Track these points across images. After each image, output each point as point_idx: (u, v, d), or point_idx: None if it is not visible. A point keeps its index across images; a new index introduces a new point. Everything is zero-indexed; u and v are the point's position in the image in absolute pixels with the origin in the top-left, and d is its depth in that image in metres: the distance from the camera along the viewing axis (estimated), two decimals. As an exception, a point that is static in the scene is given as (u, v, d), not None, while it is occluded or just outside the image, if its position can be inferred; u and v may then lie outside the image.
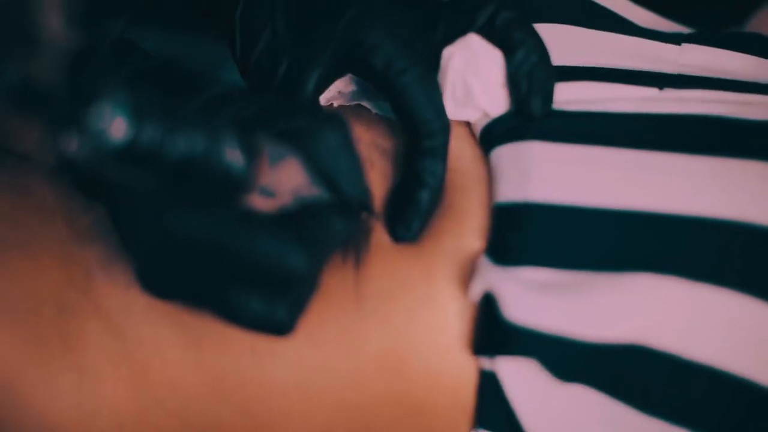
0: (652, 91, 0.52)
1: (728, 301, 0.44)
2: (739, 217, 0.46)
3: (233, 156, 0.35)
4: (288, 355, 0.46)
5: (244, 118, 0.42)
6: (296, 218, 0.40)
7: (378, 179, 0.50)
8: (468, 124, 0.53)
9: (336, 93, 0.54)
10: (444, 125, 0.48)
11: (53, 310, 0.46)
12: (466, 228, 0.48)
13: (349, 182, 0.43)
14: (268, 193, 0.38)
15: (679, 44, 0.57)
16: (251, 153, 0.36)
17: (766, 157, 0.48)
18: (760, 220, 0.46)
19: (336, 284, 0.47)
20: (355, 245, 0.48)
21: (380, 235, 0.49)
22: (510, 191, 0.48)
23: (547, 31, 0.53)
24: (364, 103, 0.55)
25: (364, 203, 0.44)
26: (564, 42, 0.55)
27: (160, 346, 0.46)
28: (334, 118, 0.43)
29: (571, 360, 0.44)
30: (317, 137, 0.42)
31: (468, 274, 0.46)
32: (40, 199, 0.49)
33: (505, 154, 0.50)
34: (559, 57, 0.52)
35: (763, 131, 0.50)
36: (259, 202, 0.38)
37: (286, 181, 0.39)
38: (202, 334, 0.46)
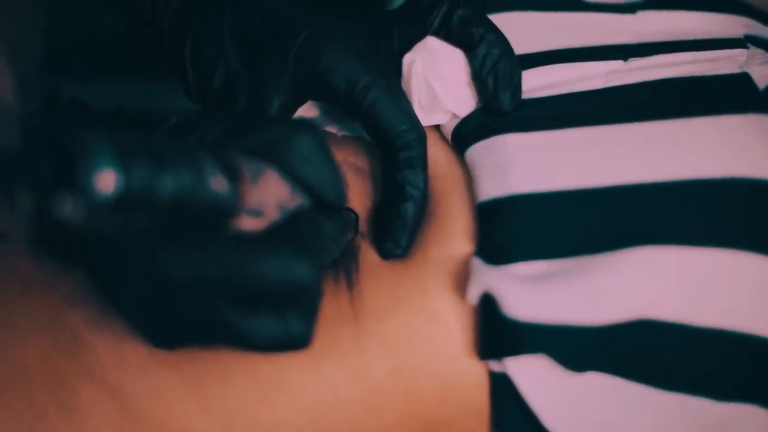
0: (617, 64, 0.52)
1: (728, 260, 0.44)
2: (727, 174, 0.45)
3: (218, 183, 0.34)
4: (296, 388, 0.45)
5: (211, 140, 0.41)
6: (288, 229, 0.39)
7: (356, 198, 0.49)
8: (438, 128, 0.52)
9: None
10: (419, 135, 0.48)
11: (44, 380, 0.45)
12: (452, 233, 0.47)
13: (326, 185, 0.42)
14: (256, 212, 0.37)
15: (635, 13, 0.56)
16: (233, 176, 0.35)
17: (743, 109, 0.47)
18: (749, 173, 0.45)
19: (332, 309, 0.46)
20: (345, 267, 0.47)
21: (368, 254, 0.48)
22: (491, 188, 0.47)
23: (502, 20, 0.52)
24: (329, 128, 0.54)
25: (343, 203, 0.43)
26: (521, 29, 0.54)
27: (162, 399, 0.44)
28: (303, 125, 0.42)
29: (580, 348, 0.43)
30: (289, 146, 0.41)
31: (462, 280, 0.46)
32: (15, 272, 0.47)
33: (480, 151, 0.49)
34: (519, 45, 0.52)
35: (736, 83, 0.49)
36: (248, 223, 0.37)
37: (270, 196, 0.38)
38: (203, 378, 0.44)
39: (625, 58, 0.52)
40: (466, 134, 0.50)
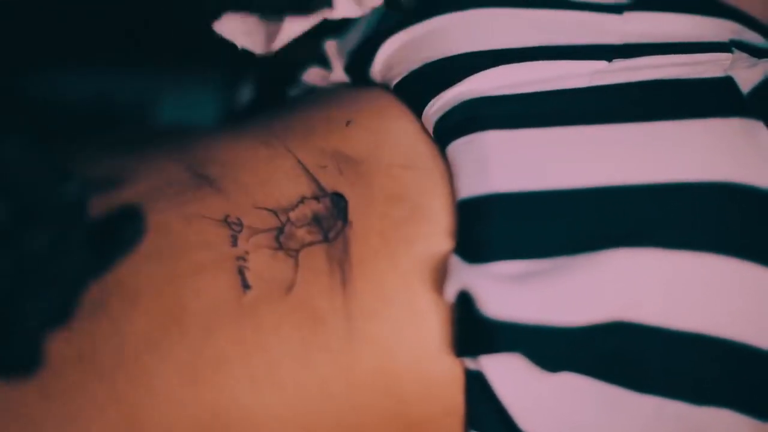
0: (601, 64, 0.52)
1: (709, 265, 0.44)
2: (710, 178, 0.45)
3: None
4: (286, 382, 0.45)
5: None
6: None
7: (347, 186, 0.49)
8: (421, 122, 0.52)
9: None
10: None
11: None
12: (436, 229, 0.47)
13: (34, 189, 0.38)
14: None
15: (621, 13, 0.56)
16: None
17: (727, 113, 0.47)
18: (731, 177, 0.45)
19: (326, 306, 0.46)
20: (339, 262, 0.47)
21: (356, 247, 0.47)
22: (471, 185, 0.47)
23: (486, 15, 0.52)
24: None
25: (63, 203, 0.39)
26: (505, 25, 0.54)
27: (153, 385, 0.44)
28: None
29: (555, 348, 0.43)
30: None
31: (443, 277, 0.45)
32: None
33: (461, 148, 0.49)
34: (505, 39, 0.52)
35: (720, 87, 0.49)
36: None
37: None
38: (198, 368, 0.44)
39: (609, 59, 0.52)
40: (447, 129, 0.50)
